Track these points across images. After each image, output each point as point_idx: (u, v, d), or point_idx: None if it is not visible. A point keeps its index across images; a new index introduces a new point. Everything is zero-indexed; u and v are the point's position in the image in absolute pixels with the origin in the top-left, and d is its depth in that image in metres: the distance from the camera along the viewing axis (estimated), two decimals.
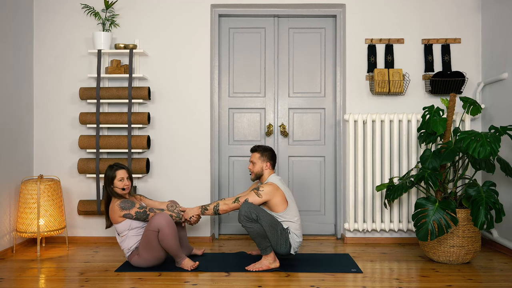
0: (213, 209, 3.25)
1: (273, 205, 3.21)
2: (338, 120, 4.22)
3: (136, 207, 3.16)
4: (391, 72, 3.94)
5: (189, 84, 4.06)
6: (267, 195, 3.19)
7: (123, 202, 3.15)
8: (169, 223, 3.05)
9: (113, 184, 3.22)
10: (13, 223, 3.73)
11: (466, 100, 3.56)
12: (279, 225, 3.15)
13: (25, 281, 2.93)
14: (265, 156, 3.36)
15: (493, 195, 3.14)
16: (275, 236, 3.11)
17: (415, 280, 2.96)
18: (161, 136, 4.06)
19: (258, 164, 3.36)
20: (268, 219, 3.09)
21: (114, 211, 3.15)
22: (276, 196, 3.20)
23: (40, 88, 4.07)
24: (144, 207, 3.19)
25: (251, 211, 3.05)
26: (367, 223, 3.94)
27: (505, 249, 3.63)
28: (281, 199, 3.21)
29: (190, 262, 3.15)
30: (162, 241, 3.04)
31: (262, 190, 3.20)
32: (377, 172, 3.92)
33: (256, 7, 4.18)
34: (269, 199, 3.20)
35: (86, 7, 3.98)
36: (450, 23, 4.06)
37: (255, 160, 3.37)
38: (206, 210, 3.27)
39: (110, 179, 3.22)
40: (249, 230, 3.06)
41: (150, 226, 3.06)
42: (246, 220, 3.05)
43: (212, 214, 3.27)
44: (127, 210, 3.14)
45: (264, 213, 3.10)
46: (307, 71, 4.26)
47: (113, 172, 3.23)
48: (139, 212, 3.15)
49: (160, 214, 3.07)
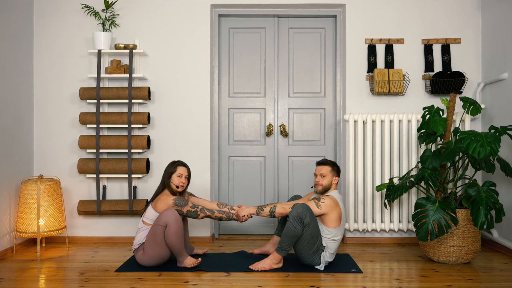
0: (269, 211, 3.21)
1: (327, 219, 3.17)
2: (338, 120, 4.22)
3: (188, 206, 3.23)
4: (391, 72, 3.94)
5: (189, 84, 4.07)
6: (326, 208, 3.14)
7: (178, 199, 3.22)
8: (177, 220, 3.06)
9: (171, 179, 3.27)
10: (13, 223, 3.73)
11: (466, 100, 3.56)
12: (319, 240, 3.12)
13: (25, 281, 2.93)
14: (335, 171, 3.32)
15: (493, 195, 3.14)
16: (309, 249, 3.09)
17: (415, 280, 2.96)
18: (161, 136, 4.06)
19: (328, 178, 3.29)
20: (314, 231, 3.07)
21: (165, 203, 3.19)
22: (333, 212, 3.16)
23: (40, 88, 4.07)
24: (197, 206, 3.24)
25: (306, 214, 3.02)
26: (367, 223, 3.94)
27: (505, 249, 3.63)
28: (337, 217, 3.18)
29: (191, 259, 3.15)
30: (167, 237, 3.05)
31: (323, 202, 3.15)
32: (377, 172, 3.92)
33: (256, 7, 4.18)
34: (327, 213, 3.15)
35: (86, 7, 3.98)
36: (450, 23, 4.06)
37: (326, 173, 3.29)
38: (261, 211, 3.23)
39: (169, 173, 3.29)
40: (291, 229, 3.02)
41: (158, 220, 3.08)
42: (296, 219, 3.01)
43: (267, 215, 3.23)
44: (181, 207, 3.20)
45: (315, 223, 3.07)
46: (307, 71, 4.26)
47: (174, 167, 3.30)
48: (190, 211, 3.22)
49: (170, 210, 3.09)
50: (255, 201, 4.25)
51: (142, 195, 4.04)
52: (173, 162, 3.34)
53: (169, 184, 3.27)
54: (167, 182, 3.28)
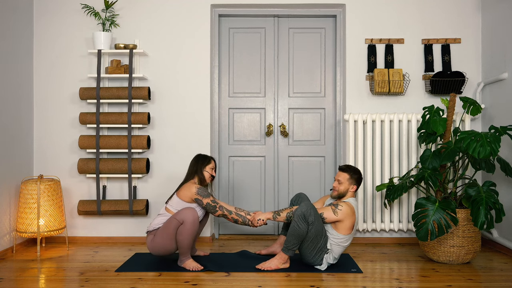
0: (285, 215, 3.19)
1: (341, 226, 3.15)
2: (338, 120, 4.22)
3: (210, 199, 3.24)
4: (391, 72, 3.94)
5: (189, 84, 4.07)
6: (343, 215, 3.13)
7: (201, 189, 3.25)
8: (195, 221, 3.08)
9: (205, 169, 3.34)
10: (13, 223, 3.73)
11: (466, 100, 3.56)
12: (323, 240, 3.11)
13: (25, 281, 2.93)
14: (354, 179, 3.29)
15: (493, 195, 3.14)
16: (312, 248, 3.09)
17: (415, 280, 2.96)
18: (161, 136, 4.06)
19: (345, 185, 3.27)
20: (318, 230, 3.06)
21: (189, 190, 3.23)
22: (349, 220, 3.15)
23: (40, 88, 4.07)
24: (216, 203, 3.25)
25: (310, 213, 3.01)
26: (367, 223, 3.94)
27: (505, 249, 3.63)
28: (351, 225, 3.17)
29: (193, 263, 3.15)
30: (179, 234, 3.07)
31: (341, 209, 3.13)
32: (377, 172, 3.92)
33: (256, 7, 4.18)
34: (342, 220, 3.14)
35: (86, 7, 3.98)
36: (450, 23, 4.06)
37: (343, 180, 3.28)
38: (278, 216, 3.21)
39: (205, 163, 3.36)
40: (295, 228, 3.02)
41: (177, 215, 3.09)
42: (301, 218, 3.00)
43: (284, 220, 3.22)
44: (202, 197, 3.22)
45: (319, 223, 3.06)
46: (307, 71, 4.26)
47: (209, 159, 3.39)
48: (209, 204, 3.23)
49: (191, 209, 3.11)
50: (255, 201, 4.25)
51: (142, 195, 4.04)
52: (205, 156, 3.41)
53: (202, 173, 3.33)
54: (200, 171, 3.33)
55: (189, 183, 3.30)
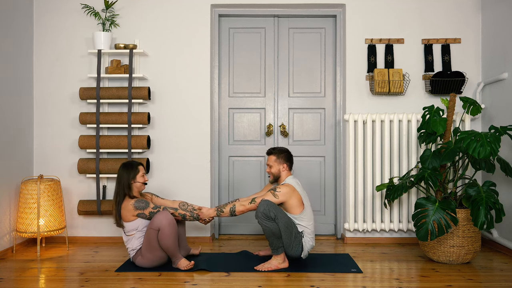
0: (229, 211, 3.23)
1: (289, 206, 3.20)
2: (338, 120, 4.22)
3: (150, 207, 3.14)
4: (391, 72, 3.94)
5: (189, 84, 4.07)
6: (283, 196, 3.18)
7: (138, 202, 3.14)
8: (171, 223, 3.04)
9: (135, 180, 3.20)
10: (13, 223, 3.73)
11: (466, 100, 3.56)
12: (294, 227, 3.15)
13: (25, 281, 2.93)
14: (281, 158, 3.34)
15: (493, 195, 3.14)
16: (289, 238, 3.11)
17: (415, 280, 2.96)
18: (161, 136, 4.06)
19: (275, 167, 3.34)
20: (285, 220, 3.09)
21: (127, 210, 3.13)
22: (292, 198, 3.19)
23: (40, 88, 4.07)
24: (158, 207, 3.17)
25: (270, 209, 3.05)
26: (367, 223, 3.94)
27: (505, 249, 3.63)
28: (298, 202, 3.20)
29: (185, 262, 3.15)
30: (160, 240, 3.04)
31: (279, 191, 3.19)
32: (377, 172, 3.92)
33: (256, 7, 4.18)
34: (286, 200, 3.19)
35: (86, 7, 3.98)
36: (450, 23, 4.06)
37: (271, 163, 3.35)
38: (222, 212, 3.25)
39: (132, 175, 3.19)
40: (265, 228, 3.06)
41: (151, 224, 3.06)
42: (263, 217, 3.05)
43: (228, 215, 3.25)
44: (141, 210, 3.13)
45: (282, 213, 3.10)
46: (307, 71, 4.26)
47: (135, 167, 3.21)
48: (153, 212, 3.14)
49: (162, 213, 3.06)
50: None
51: None
52: (130, 164, 3.22)
53: (131, 188, 3.18)
54: (128, 186, 3.17)
55: (124, 203, 3.15)
